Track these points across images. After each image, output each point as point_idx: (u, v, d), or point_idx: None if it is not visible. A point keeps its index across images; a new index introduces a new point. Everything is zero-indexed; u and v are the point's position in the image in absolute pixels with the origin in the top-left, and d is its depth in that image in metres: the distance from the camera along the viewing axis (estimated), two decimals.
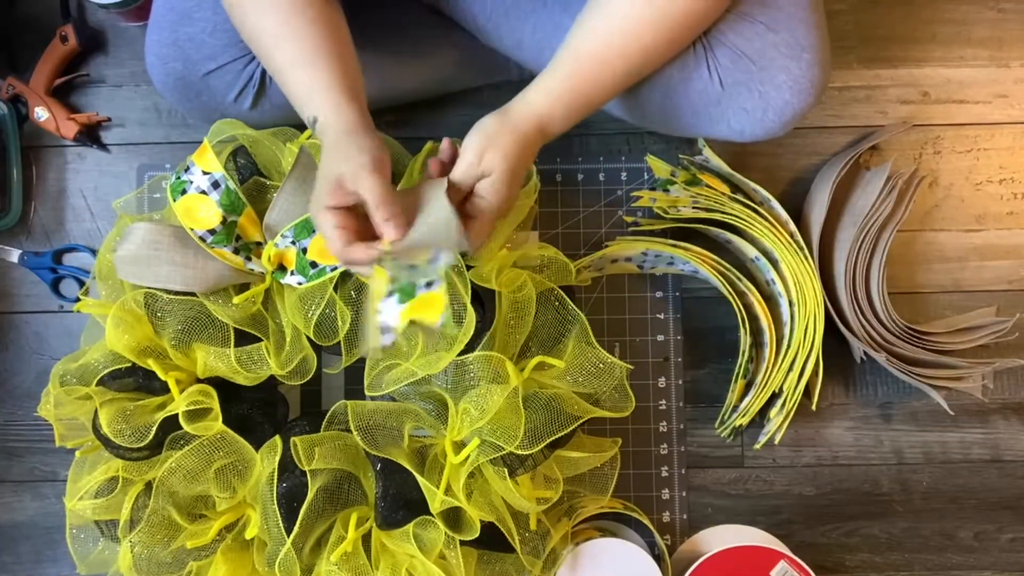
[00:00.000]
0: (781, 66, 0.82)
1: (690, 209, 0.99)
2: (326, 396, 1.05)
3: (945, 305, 1.07)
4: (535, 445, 0.83)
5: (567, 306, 0.90)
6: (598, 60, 0.78)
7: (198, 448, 0.87)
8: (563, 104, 0.79)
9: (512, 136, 0.77)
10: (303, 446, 0.84)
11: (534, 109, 0.78)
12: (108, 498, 0.88)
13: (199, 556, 0.89)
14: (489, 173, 0.77)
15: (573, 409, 0.85)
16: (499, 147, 0.76)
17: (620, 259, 1.03)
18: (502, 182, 0.77)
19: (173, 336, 0.88)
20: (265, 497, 0.87)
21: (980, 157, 1.07)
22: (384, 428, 0.88)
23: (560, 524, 0.94)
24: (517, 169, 0.78)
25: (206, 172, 0.86)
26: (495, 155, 0.76)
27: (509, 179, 0.77)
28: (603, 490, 0.95)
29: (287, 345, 0.89)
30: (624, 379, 0.89)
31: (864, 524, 1.06)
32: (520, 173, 0.79)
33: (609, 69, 0.78)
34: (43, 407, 0.90)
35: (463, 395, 0.86)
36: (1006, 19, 1.08)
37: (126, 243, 0.87)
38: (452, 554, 0.85)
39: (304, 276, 0.87)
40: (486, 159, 0.76)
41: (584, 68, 0.78)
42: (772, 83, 0.83)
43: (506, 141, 0.76)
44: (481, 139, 0.77)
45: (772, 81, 0.83)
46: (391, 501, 0.86)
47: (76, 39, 1.04)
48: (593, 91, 0.79)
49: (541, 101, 0.78)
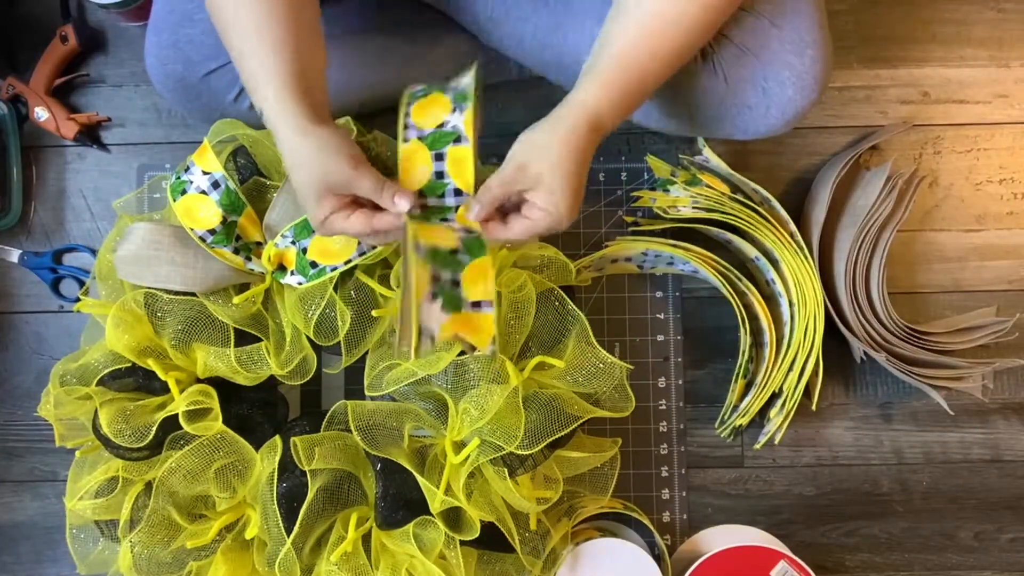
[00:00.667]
0: (785, 62, 0.82)
1: (690, 209, 0.99)
2: (326, 396, 1.05)
3: (945, 305, 1.07)
4: (535, 445, 0.83)
5: (567, 306, 0.90)
6: (637, 56, 0.75)
7: (198, 448, 0.87)
8: (612, 100, 0.75)
9: (563, 143, 0.73)
10: (303, 446, 0.84)
11: (585, 107, 0.74)
12: (108, 498, 0.88)
13: (199, 556, 0.89)
14: (536, 185, 0.73)
15: (573, 409, 0.85)
16: (548, 157, 0.72)
17: (620, 259, 1.03)
18: (560, 191, 0.73)
19: (173, 336, 0.88)
20: (265, 497, 0.87)
21: (980, 157, 1.07)
22: (384, 428, 0.88)
23: (560, 524, 0.94)
24: (574, 173, 0.73)
25: (206, 172, 0.86)
26: (544, 165, 0.72)
27: (565, 188, 0.73)
28: (603, 490, 0.95)
29: (287, 345, 0.89)
30: (624, 379, 0.89)
31: (864, 524, 1.06)
32: (579, 176, 0.74)
33: (650, 61, 0.76)
34: (43, 407, 0.90)
35: (463, 395, 0.86)
36: (1006, 19, 1.08)
37: (126, 243, 0.87)
38: (452, 554, 0.85)
39: (304, 276, 0.87)
40: (532, 170, 0.73)
41: (627, 62, 0.75)
42: (776, 79, 0.83)
43: (558, 150, 0.73)
44: (526, 150, 0.73)
45: (776, 77, 0.83)
46: (391, 501, 0.86)
47: (76, 39, 1.04)
48: (637, 87, 0.76)
49: (590, 99, 0.74)
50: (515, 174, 0.73)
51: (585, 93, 0.74)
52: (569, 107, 0.74)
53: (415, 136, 0.77)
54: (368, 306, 0.88)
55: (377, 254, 0.87)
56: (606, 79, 0.75)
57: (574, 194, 0.73)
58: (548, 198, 0.73)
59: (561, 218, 0.73)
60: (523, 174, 0.73)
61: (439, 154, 0.77)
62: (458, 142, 0.77)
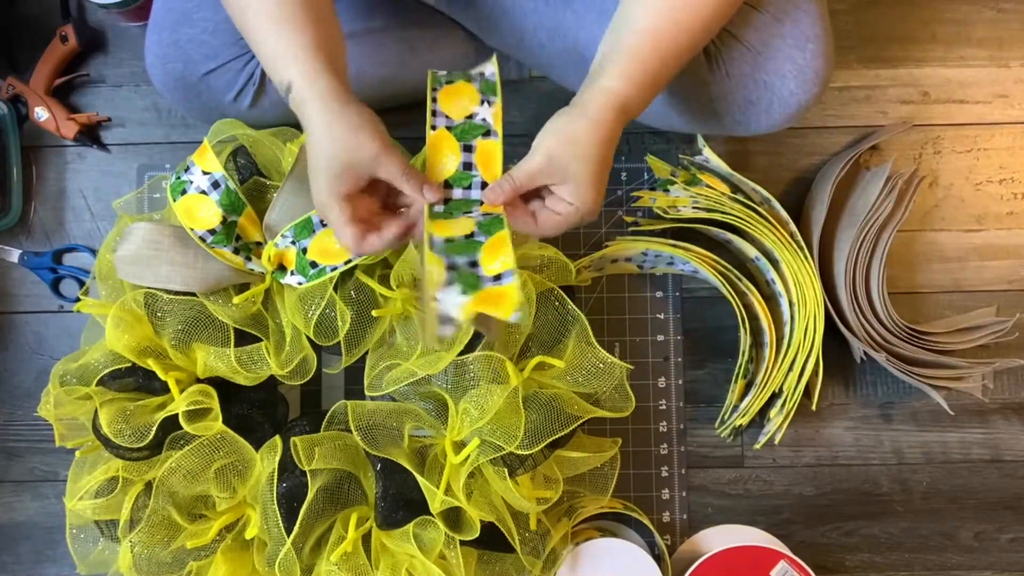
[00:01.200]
0: (787, 56, 0.82)
1: (690, 209, 0.99)
2: (326, 396, 1.05)
3: (945, 305, 1.07)
4: (535, 445, 0.83)
5: (567, 306, 0.90)
6: (665, 31, 0.73)
7: (198, 448, 0.87)
8: (639, 82, 0.72)
9: (589, 132, 0.71)
10: (303, 446, 0.84)
11: (610, 93, 0.72)
12: (108, 498, 0.88)
13: (199, 556, 0.89)
14: (563, 177, 0.71)
15: (573, 409, 0.85)
16: (576, 149, 0.71)
17: (620, 259, 1.03)
18: (587, 183, 0.71)
19: (173, 336, 0.88)
20: (265, 497, 0.87)
21: (980, 157, 1.07)
22: (384, 428, 0.88)
23: (560, 524, 0.94)
24: (601, 165, 0.72)
25: (206, 172, 0.86)
26: (571, 158, 0.71)
27: (592, 178, 0.71)
28: (603, 490, 0.95)
29: (287, 345, 0.89)
30: (624, 379, 0.89)
31: (864, 524, 1.06)
32: (606, 166, 0.72)
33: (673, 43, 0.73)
34: (43, 407, 0.90)
35: (463, 395, 0.86)
36: (1006, 19, 1.08)
37: (126, 243, 0.87)
38: (452, 554, 0.85)
39: (304, 276, 0.87)
40: (559, 163, 0.71)
41: (654, 39, 0.72)
42: (778, 73, 0.83)
43: (585, 139, 0.71)
44: (552, 141, 0.71)
45: (778, 71, 0.83)
46: (391, 501, 0.86)
47: (76, 39, 1.04)
48: (665, 66, 0.74)
49: (614, 83, 0.72)
50: (543, 165, 0.71)
51: (610, 78, 0.72)
52: (594, 93, 0.72)
53: (443, 125, 0.76)
54: (368, 306, 0.88)
55: (377, 254, 0.87)
56: (632, 58, 0.72)
57: (601, 185, 0.72)
58: (576, 192, 0.71)
59: (589, 211, 0.72)
60: (551, 166, 0.71)
61: (468, 146, 0.76)
62: (487, 135, 0.76)
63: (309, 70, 0.71)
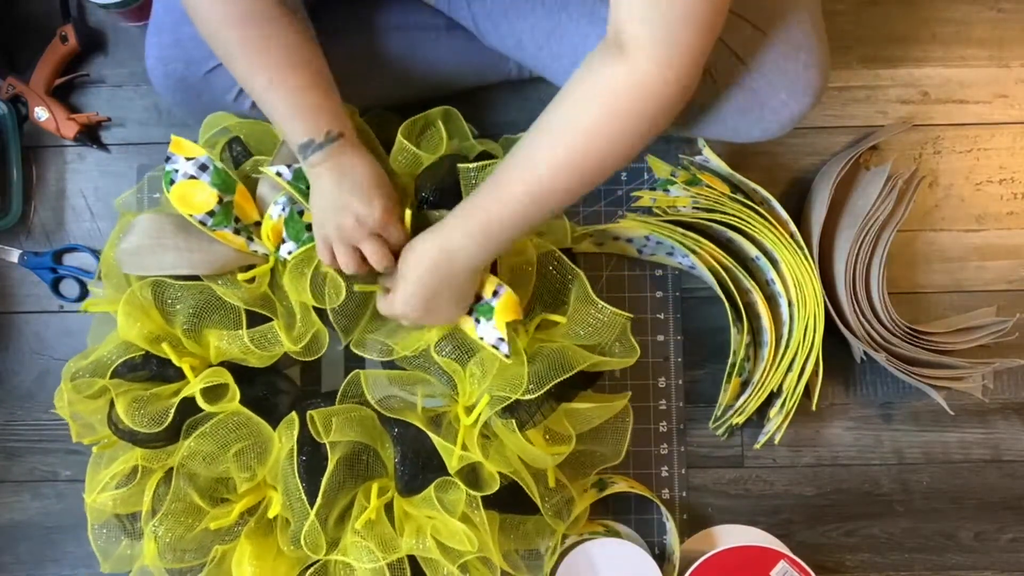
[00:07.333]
0: (777, 67, 0.81)
1: (690, 209, 0.99)
2: (326, 373, 1.05)
3: (945, 305, 1.07)
4: (541, 389, 0.83)
5: (565, 264, 0.90)
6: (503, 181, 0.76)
7: (216, 427, 0.87)
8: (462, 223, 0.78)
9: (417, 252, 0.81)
10: (320, 418, 0.85)
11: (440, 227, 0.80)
12: (129, 488, 0.88)
13: (223, 540, 0.89)
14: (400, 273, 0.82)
15: (578, 359, 0.86)
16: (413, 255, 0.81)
17: (622, 238, 1.02)
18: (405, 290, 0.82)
19: (185, 321, 0.88)
20: (286, 472, 0.87)
21: (980, 157, 1.07)
22: (398, 397, 0.90)
23: (587, 495, 0.95)
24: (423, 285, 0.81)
25: (189, 158, 0.86)
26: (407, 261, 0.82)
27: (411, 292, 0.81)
28: (619, 444, 0.95)
29: (298, 322, 0.90)
30: (627, 330, 0.90)
31: (864, 524, 1.06)
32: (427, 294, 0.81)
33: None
34: (59, 403, 0.89)
35: (469, 361, 0.87)
36: (1006, 19, 1.08)
37: (129, 236, 0.87)
38: (475, 514, 0.86)
39: (298, 242, 0.87)
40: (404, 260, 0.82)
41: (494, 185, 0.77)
42: (767, 84, 0.82)
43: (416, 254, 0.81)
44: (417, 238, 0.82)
45: (767, 82, 0.82)
46: (410, 465, 0.86)
47: (76, 39, 1.04)
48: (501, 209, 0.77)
49: (448, 220, 0.80)
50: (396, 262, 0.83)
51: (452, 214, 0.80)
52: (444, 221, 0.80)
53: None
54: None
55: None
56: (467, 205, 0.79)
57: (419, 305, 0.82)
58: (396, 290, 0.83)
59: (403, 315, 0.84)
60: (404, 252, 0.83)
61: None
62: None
63: (350, 123, 0.82)
